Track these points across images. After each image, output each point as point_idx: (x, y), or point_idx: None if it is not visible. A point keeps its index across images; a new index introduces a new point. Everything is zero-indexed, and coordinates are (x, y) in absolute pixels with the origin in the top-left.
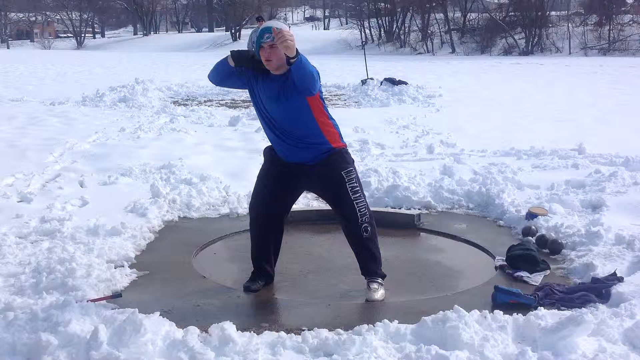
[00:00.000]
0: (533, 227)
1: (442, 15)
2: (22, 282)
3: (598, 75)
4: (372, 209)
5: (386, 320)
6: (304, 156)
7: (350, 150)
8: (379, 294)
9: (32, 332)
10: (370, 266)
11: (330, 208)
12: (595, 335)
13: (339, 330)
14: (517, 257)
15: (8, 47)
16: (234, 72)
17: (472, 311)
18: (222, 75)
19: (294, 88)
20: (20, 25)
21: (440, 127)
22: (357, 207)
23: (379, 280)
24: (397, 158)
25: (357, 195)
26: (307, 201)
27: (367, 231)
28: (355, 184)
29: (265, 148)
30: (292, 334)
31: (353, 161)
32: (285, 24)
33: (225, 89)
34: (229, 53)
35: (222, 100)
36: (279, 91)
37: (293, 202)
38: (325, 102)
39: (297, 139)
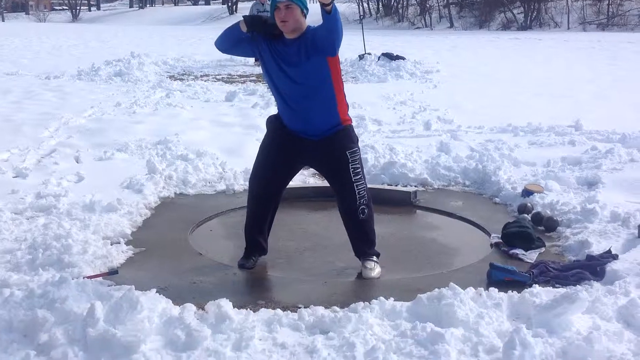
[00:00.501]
0: (529, 205)
1: None
2: (18, 258)
3: (596, 50)
4: (368, 185)
5: (382, 298)
6: (313, 127)
7: None
8: (376, 272)
9: (28, 309)
10: (364, 248)
11: (328, 185)
12: (590, 312)
13: (335, 307)
14: (512, 235)
15: (3, 20)
16: (244, 38)
17: (468, 289)
18: (232, 41)
19: (315, 48)
20: None
21: (437, 103)
22: (357, 189)
23: (374, 258)
24: (394, 134)
25: (358, 177)
26: (303, 178)
27: (363, 213)
28: (358, 165)
29: (269, 117)
30: (289, 312)
31: (358, 139)
32: None
33: (222, 63)
34: (241, 18)
35: (218, 75)
36: (298, 54)
37: (292, 176)
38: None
39: (310, 108)
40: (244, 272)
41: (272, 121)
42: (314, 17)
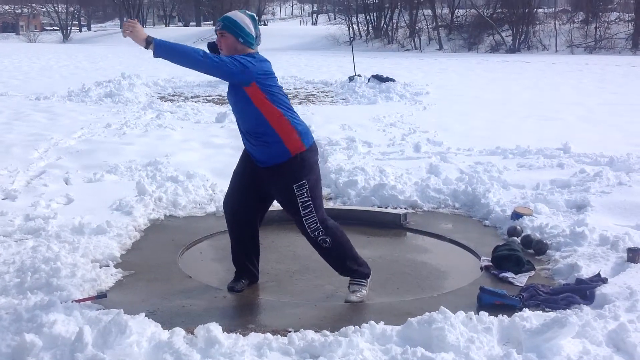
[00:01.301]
0: (518, 227)
1: (429, 11)
2: (6, 281)
3: (584, 73)
4: (358, 208)
5: (372, 322)
6: (259, 154)
7: (337, 148)
8: (357, 296)
9: (16, 333)
10: (340, 269)
11: None
12: (580, 337)
13: (325, 331)
14: (502, 258)
15: None
16: None
17: (458, 312)
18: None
19: None
20: (5, 18)
21: (427, 125)
22: (306, 223)
23: (360, 281)
24: (383, 156)
25: (307, 210)
26: None
27: (325, 242)
28: (306, 198)
29: None
30: (278, 336)
31: (313, 165)
32: (248, 14)
33: (213, 84)
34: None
35: (209, 96)
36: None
37: (265, 202)
38: (279, 94)
39: (249, 132)
40: (234, 296)
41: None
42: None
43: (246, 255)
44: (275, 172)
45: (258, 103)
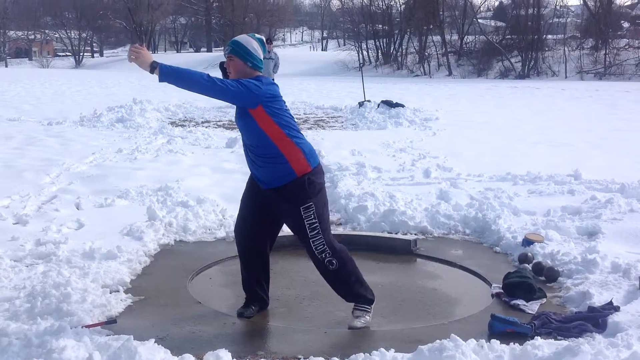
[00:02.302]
0: (529, 254)
1: (439, 37)
2: (17, 306)
3: (594, 99)
4: (368, 233)
5: (382, 349)
6: (264, 175)
7: (346, 173)
8: (360, 322)
9: (26, 358)
10: (346, 293)
11: None
12: None
13: (335, 358)
14: (513, 285)
15: (6, 66)
16: None
17: (469, 340)
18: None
19: None
20: (19, 43)
21: (436, 150)
22: (314, 244)
23: (364, 307)
24: (393, 182)
25: (315, 232)
26: None
27: (332, 264)
28: (313, 220)
29: None
30: None
31: (319, 187)
32: (256, 38)
33: (223, 109)
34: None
35: (219, 121)
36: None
37: (272, 225)
38: (285, 116)
39: (255, 153)
40: (243, 322)
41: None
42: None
43: (257, 281)
44: (282, 193)
45: (264, 125)
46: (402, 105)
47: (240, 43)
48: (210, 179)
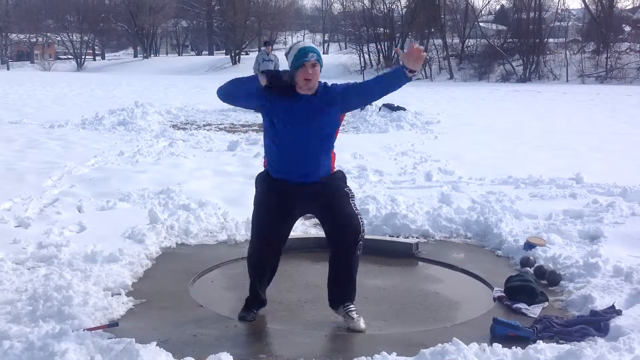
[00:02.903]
0: (531, 258)
1: (440, 41)
2: (19, 309)
3: (595, 103)
4: (369, 236)
5: (384, 353)
6: (313, 173)
7: (348, 176)
8: (363, 321)
9: None
10: (348, 289)
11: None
12: None
13: None
14: (515, 289)
15: (8, 69)
16: (254, 91)
17: (471, 344)
18: (242, 93)
19: (335, 104)
20: (20, 47)
21: (438, 154)
22: (361, 220)
23: (354, 305)
24: (395, 185)
25: (358, 212)
26: (305, 228)
27: (360, 249)
28: (356, 203)
29: (259, 175)
30: None
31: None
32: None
33: (225, 112)
34: (260, 72)
35: (221, 124)
36: (311, 109)
37: (291, 229)
38: None
39: (313, 152)
40: (245, 325)
41: (263, 178)
42: None
43: (266, 284)
44: (329, 180)
45: (338, 129)
46: (404, 109)
47: (318, 50)
48: (212, 182)
